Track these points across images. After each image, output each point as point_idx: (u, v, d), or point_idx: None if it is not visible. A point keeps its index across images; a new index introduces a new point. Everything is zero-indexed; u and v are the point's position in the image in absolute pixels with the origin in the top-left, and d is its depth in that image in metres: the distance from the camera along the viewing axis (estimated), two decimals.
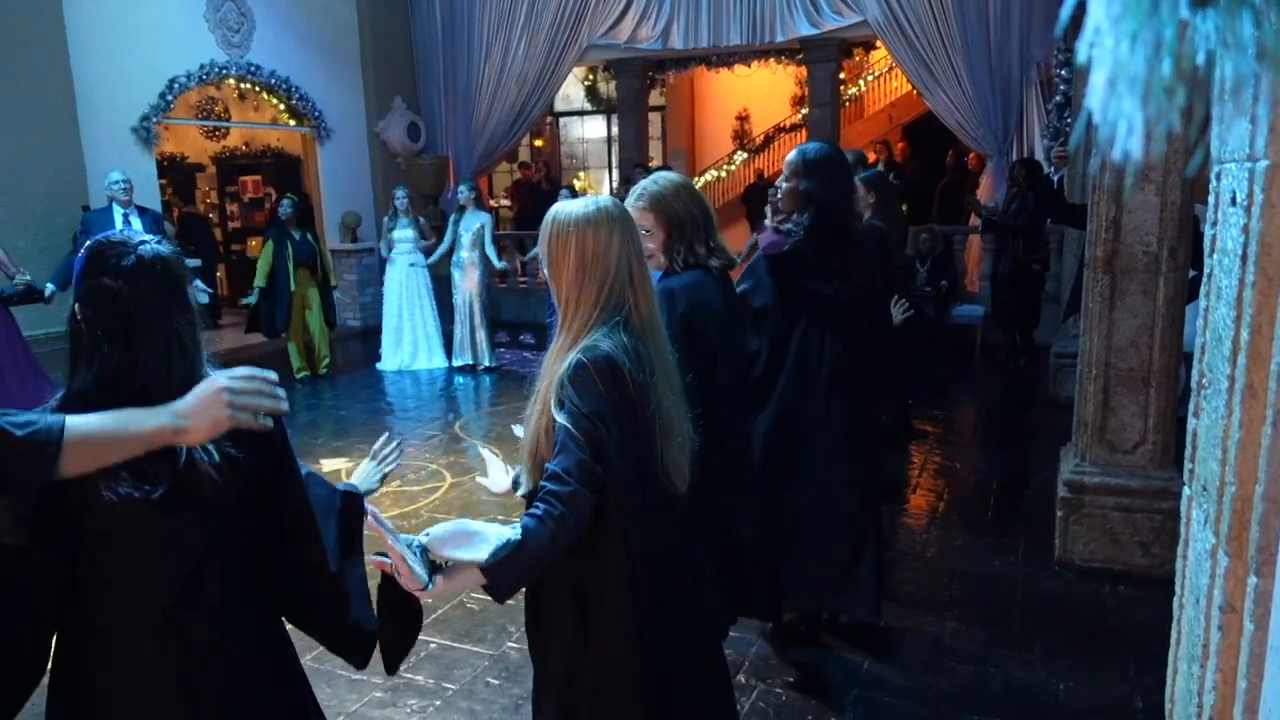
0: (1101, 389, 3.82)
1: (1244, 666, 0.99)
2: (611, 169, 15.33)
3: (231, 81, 9.83)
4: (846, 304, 3.09)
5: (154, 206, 8.04)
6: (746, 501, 2.63)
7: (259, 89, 10.10)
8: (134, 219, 6.75)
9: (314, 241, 8.17)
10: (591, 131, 16.69)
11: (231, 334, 10.15)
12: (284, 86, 10.01)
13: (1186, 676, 1.17)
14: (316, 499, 1.66)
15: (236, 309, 11.56)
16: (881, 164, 10.29)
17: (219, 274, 12.15)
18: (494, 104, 11.37)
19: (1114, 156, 0.43)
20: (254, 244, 11.63)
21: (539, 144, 16.54)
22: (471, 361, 8.54)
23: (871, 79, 14.77)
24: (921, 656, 3.33)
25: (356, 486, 1.78)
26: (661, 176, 2.46)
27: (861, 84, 14.79)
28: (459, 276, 8.41)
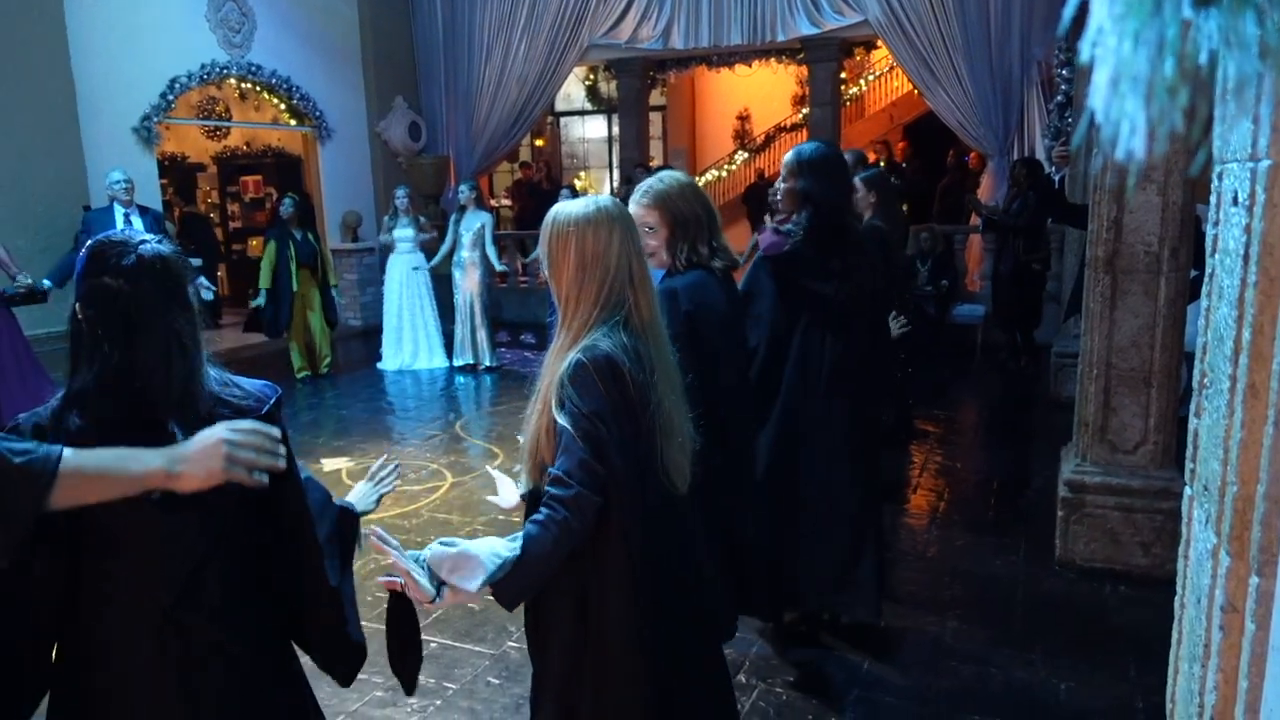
0: (1102, 389, 3.82)
1: (1245, 666, 0.99)
2: (612, 169, 15.33)
3: (232, 81, 9.83)
4: (846, 304, 3.09)
5: (155, 206, 8.04)
6: (748, 502, 2.63)
7: (260, 89, 10.10)
8: (135, 219, 6.75)
9: (315, 241, 8.17)
10: (592, 131, 16.69)
11: (232, 333, 10.15)
12: (285, 86, 10.01)
13: (1188, 676, 1.17)
14: (314, 503, 1.66)
15: (237, 309, 11.59)
16: (881, 164, 10.29)
17: (220, 274, 12.16)
18: (495, 104, 11.37)
19: (1117, 156, 0.43)
20: (255, 244, 11.64)
21: (540, 144, 16.54)
22: (472, 361, 8.55)
23: (872, 78, 14.77)
24: (922, 656, 3.33)
25: (354, 506, 1.78)
26: (667, 175, 2.46)
27: (862, 83, 14.78)
28: (460, 276, 8.41)
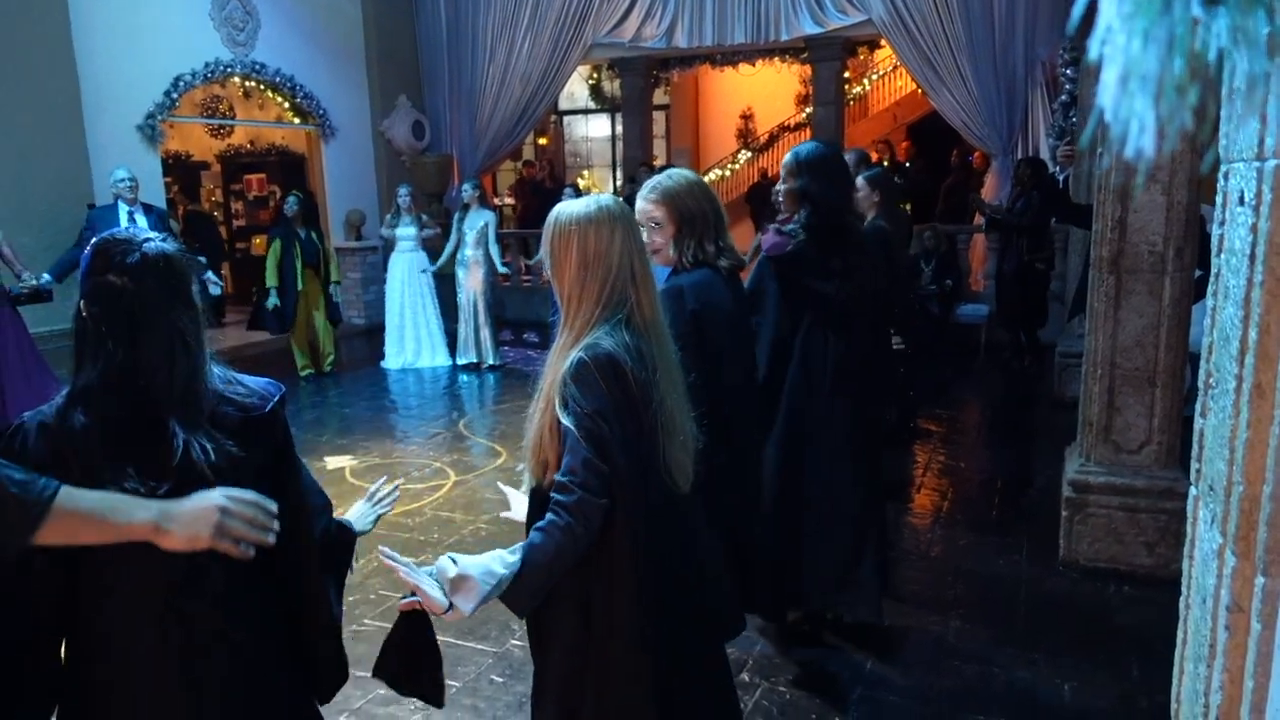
0: (1107, 389, 3.81)
1: (1251, 666, 0.99)
2: (616, 168, 15.32)
3: (236, 80, 9.84)
4: (848, 304, 3.09)
5: (159, 205, 8.05)
6: (752, 501, 2.62)
7: (264, 87, 10.11)
8: (139, 217, 6.77)
9: (319, 240, 8.19)
10: (596, 130, 16.68)
11: (236, 331, 10.17)
12: (289, 85, 10.02)
13: (1193, 676, 1.17)
14: (314, 507, 1.67)
15: (241, 307, 11.61)
16: (885, 163, 10.28)
17: (224, 272, 12.17)
18: (498, 102, 11.37)
19: (1126, 155, 0.42)
20: (258, 242, 11.64)
21: (543, 142, 16.53)
22: (476, 360, 8.55)
23: (876, 78, 14.75)
24: (926, 656, 3.32)
25: (352, 524, 1.78)
26: (675, 172, 2.46)
27: (866, 83, 14.76)
28: (463, 275, 8.42)
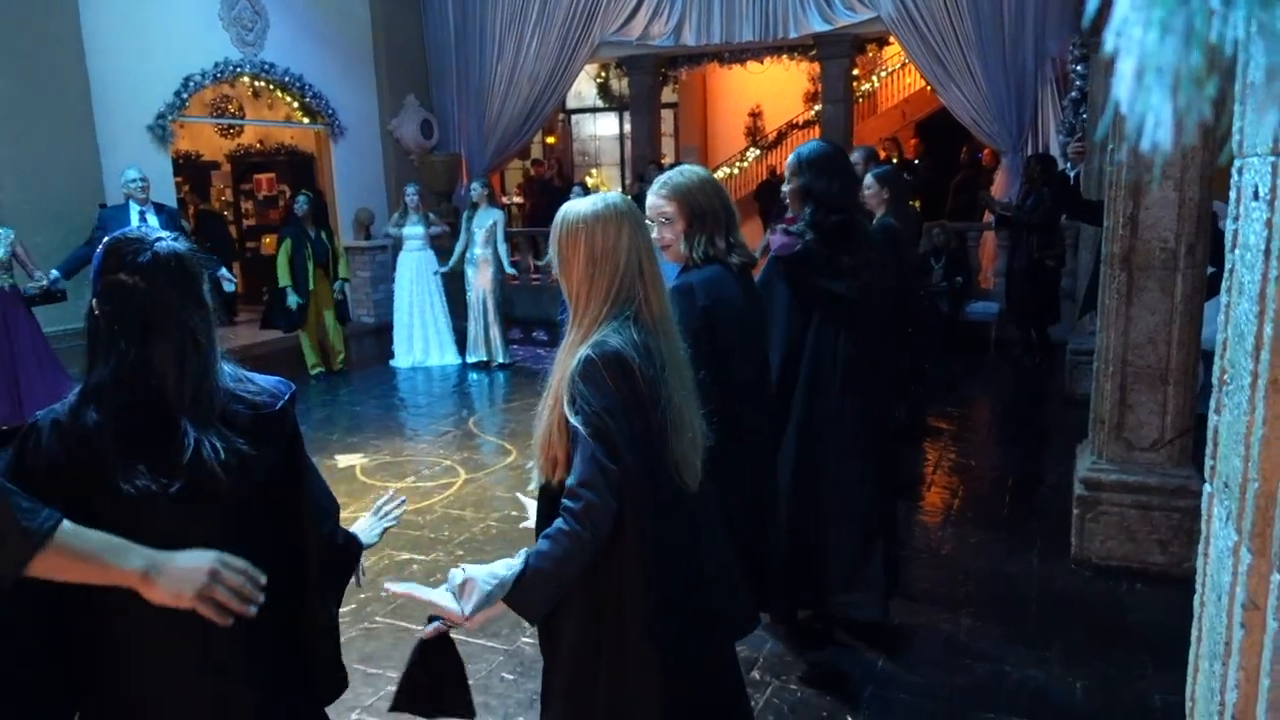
0: (1119, 386, 3.79)
1: (1267, 664, 0.98)
2: (624, 166, 15.31)
3: (246, 80, 9.88)
4: (858, 302, 3.09)
5: (170, 204, 8.09)
6: (764, 499, 2.61)
7: (273, 87, 10.15)
8: (150, 216, 6.80)
9: (328, 240, 8.23)
10: (604, 129, 16.68)
11: (247, 330, 10.21)
12: (298, 84, 10.06)
13: (1208, 674, 1.16)
14: (320, 508, 1.67)
15: (252, 306, 11.65)
16: (894, 160, 10.25)
17: (235, 271, 12.21)
18: (506, 101, 11.38)
19: (1142, 148, 0.42)
20: (268, 241, 11.68)
21: (551, 141, 16.53)
22: (485, 358, 8.57)
23: (885, 75, 14.69)
24: (937, 654, 3.31)
25: (359, 536, 1.79)
26: (687, 168, 2.46)
27: (875, 80, 14.70)
28: (472, 273, 8.43)
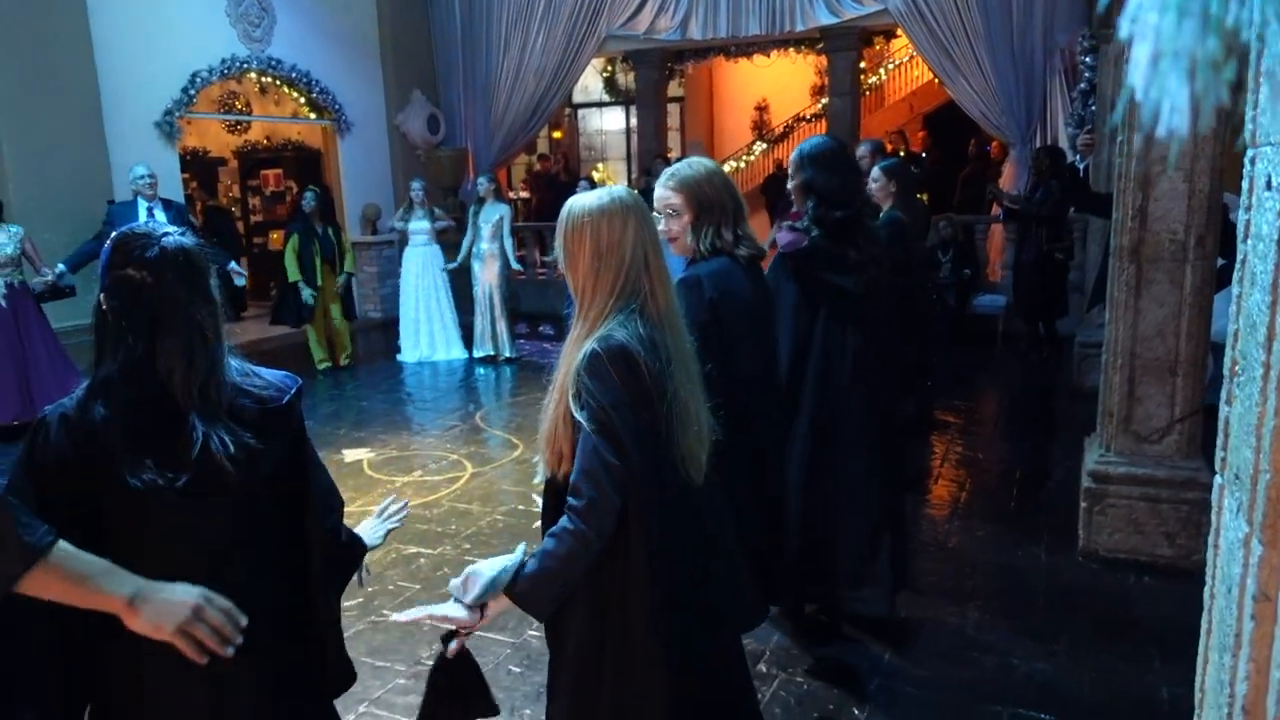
0: (1127, 378, 3.78)
1: (1278, 656, 0.98)
2: (630, 160, 15.30)
3: (253, 76, 9.89)
4: (865, 296, 3.09)
5: (178, 200, 8.11)
6: (771, 492, 2.61)
7: (280, 83, 10.16)
8: (159, 212, 6.82)
9: (335, 236, 8.25)
10: (610, 123, 16.66)
11: (255, 326, 10.23)
12: (304, 80, 10.06)
13: (1218, 667, 1.15)
14: (325, 503, 1.68)
15: (260, 302, 11.68)
16: (901, 153, 10.21)
17: (243, 266, 12.23)
18: (513, 96, 11.37)
19: (1158, 134, 0.42)
20: (275, 237, 11.70)
21: (557, 136, 16.53)
22: (492, 353, 8.58)
23: (892, 68, 14.63)
24: (944, 647, 3.31)
25: (363, 538, 1.79)
26: (694, 161, 2.45)
27: (882, 73, 14.65)
28: (479, 268, 8.44)
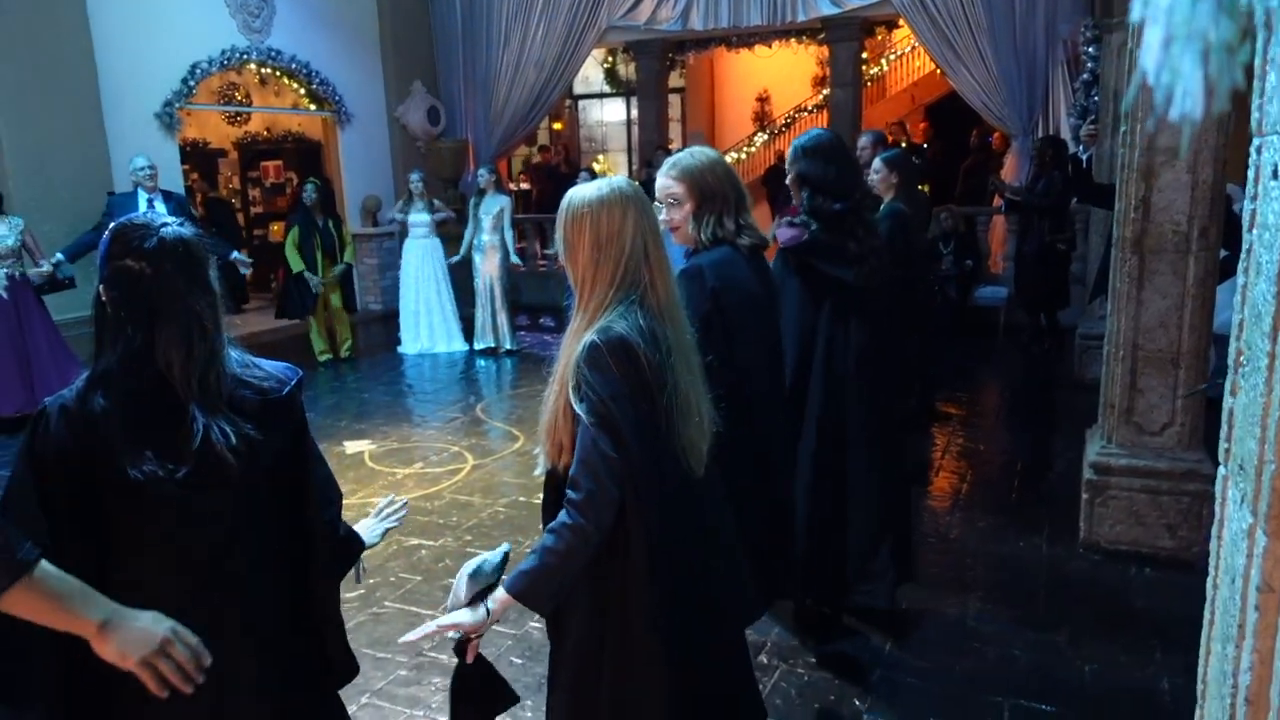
0: (1129, 370, 3.78)
1: None
2: (631, 152, 15.26)
3: (252, 67, 9.85)
4: (865, 289, 3.08)
5: (178, 192, 8.10)
6: (775, 484, 2.60)
7: (279, 74, 10.12)
8: (158, 203, 6.81)
9: (335, 229, 8.25)
10: (611, 114, 16.61)
11: (256, 318, 10.23)
12: (304, 71, 10.03)
13: (1220, 657, 1.15)
14: (324, 495, 1.68)
15: (260, 294, 11.67)
16: (903, 145, 10.18)
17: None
18: (513, 87, 11.33)
19: (1170, 119, 0.41)
20: (276, 228, 11.69)
21: (558, 127, 16.49)
22: (493, 345, 8.58)
23: (894, 58, 14.58)
24: (945, 638, 3.32)
25: (361, 536, 1.80)
26: (696, 150, 2.44)
27: (884, 63, 14.59)
28: (480, 260, 8.43)
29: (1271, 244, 0.99)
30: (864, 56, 11.63)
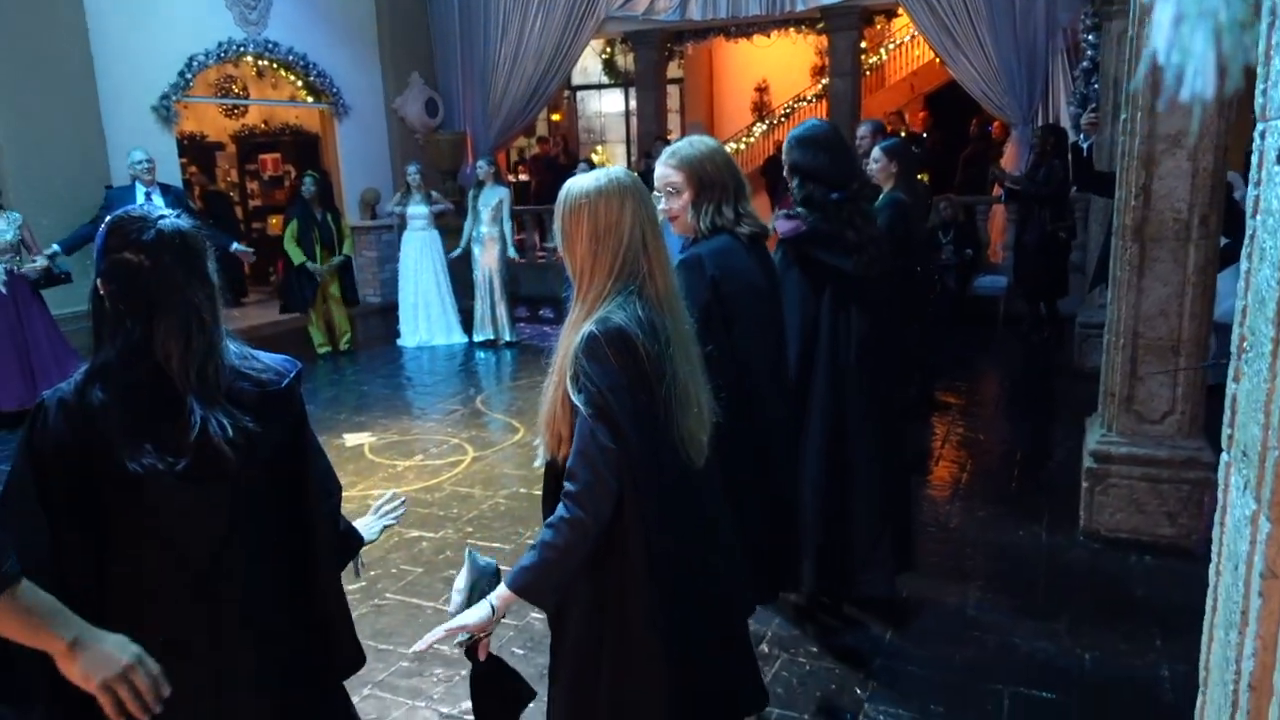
0: (1129, 358, 3.77)
1: None
2: (630, 142, 15.22)
3: (249, 59, 9.82)
4: (865, 278, 3.08)
5: (176, 185, 8.08)
6: (777, 475, 2.59)
7: (277, 66, 10.08)
8: (156, 197, 6.79)
9: (333, 222, 8.24)
10: (609, 105, 16.56)
11: (255, 311, 10.22)
12: (302, 64, 9.99)
13: (1223, 644, 1.15)
14: (323, 486, 1.67)
15: (259, 287, 11.66)
16: (902, 134, 10.16)
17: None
18: (511, 79, 11.30)
19: (1181, 98, 0.41)
20: (274, 221, 11.66)
21: (556, 118, 16.43)
22: (493, 336, 8.57)
23: (893, 47, 14.53)
24: (945, 627, 3.32)
25: (359, 532, 1.80)
26: (696, 139, 2.43)
27: (883, 53, 14.54)
28: (479, 251, 8.42)
29: (1275, 229, 0.99)
30: (863, 46, 11.59)
